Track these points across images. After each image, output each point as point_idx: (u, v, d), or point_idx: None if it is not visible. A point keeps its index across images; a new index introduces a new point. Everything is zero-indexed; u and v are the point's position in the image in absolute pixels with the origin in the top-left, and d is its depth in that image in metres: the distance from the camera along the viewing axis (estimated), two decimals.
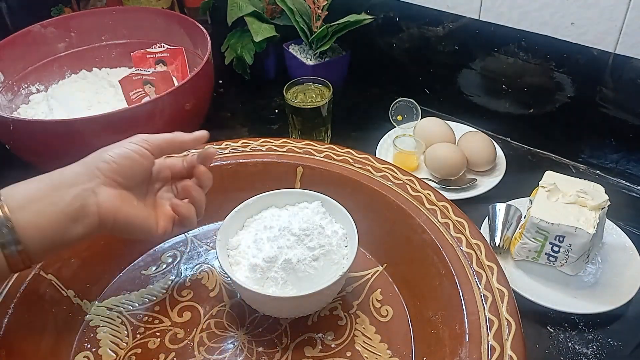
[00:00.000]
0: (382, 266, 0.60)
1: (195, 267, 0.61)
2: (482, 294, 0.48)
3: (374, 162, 0.64)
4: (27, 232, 0.40)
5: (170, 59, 0.88)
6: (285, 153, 0.66)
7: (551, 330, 0.57)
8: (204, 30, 0.85)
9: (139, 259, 0.62)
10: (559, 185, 0.59)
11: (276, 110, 0.93)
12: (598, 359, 0.54)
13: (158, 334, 0.54)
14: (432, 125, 0.79)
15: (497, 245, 0.62)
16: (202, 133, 0.51)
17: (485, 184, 0.74)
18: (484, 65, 0.82)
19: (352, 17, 0.85)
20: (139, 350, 0.53)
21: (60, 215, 0.41)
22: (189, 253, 0.63)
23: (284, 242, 0.53)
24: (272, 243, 0.53)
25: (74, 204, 0.42)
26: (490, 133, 0.81)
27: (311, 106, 0.78)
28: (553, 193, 0.59)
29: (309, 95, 0.80)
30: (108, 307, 0.57)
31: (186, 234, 0.65)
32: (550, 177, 0.61)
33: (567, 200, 0.58)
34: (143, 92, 0.81)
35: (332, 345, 0.52)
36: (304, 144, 0.67)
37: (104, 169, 0.44)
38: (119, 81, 0.81)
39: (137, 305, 0.57)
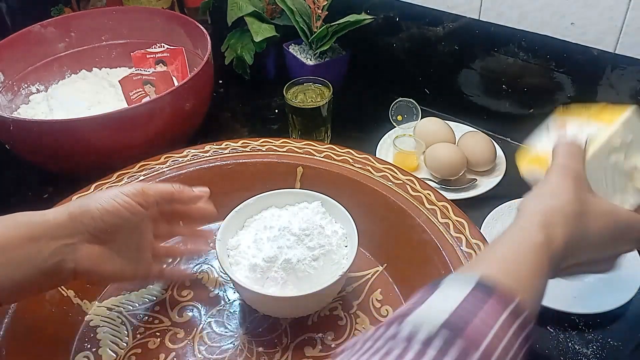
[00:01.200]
0: (382, 266, 0.60)
1: (195, 267, 0.61)
2: None
3: (374, 162, 0.64)
4: None
5: (170, 59, 0.88)
6: (285, 153, 0.66)
7: (551, 330, 0.57)
8: (204, 30, 0.85)
9: None
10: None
11: (276, 110, 0.93)
12: (598, 359, 0.54)
13: (158, 334, 0.54)
14: (432, 125, 0.79)
15: None
16: (204, 190, 0.51)
17: (485, 184, 0.74)
18: (484, 65, 0.81)
19: (352, 17, 0.85)
20: (139, 350, 0.53)
21: (35, 270, 0.40)
22: None
23: (284, 242, 0.53)
24: (272, 243, 0.53)
25: (51, 260, 0.40)
26: (490, 133, 0.81)
27: (311, 106, 0.78)
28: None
29: (309, 95, 0.80)
30: (108, 307, 0.57)
31: None
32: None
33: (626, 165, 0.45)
34: (143, 92, 0.81)
35: (332, 345, 0.52)
36: (304, 144, 0.67)
37: (89, 225, 0.42)
38: (119, 81, 0.81)
39: (137, 305, 0.57)
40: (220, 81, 0.98)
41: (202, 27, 0.86)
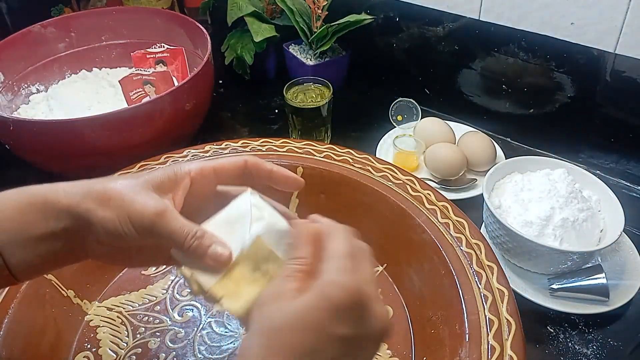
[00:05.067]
0: (382, 266, 0.60)
1: None
2: (482, 294, 0.48)
3: (374, 162, 0.64)
4: None
5: (170, 59, 0.88)
6: (285, 153, 0.66)
7: (551, 330, 0.57)
8: (204, 30, 0.85)
9: None
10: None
11: (276, 110, 0.93)
12: (598, 359, 0.54)
13: (158, 334, 0.54)
14: (432, 125, 0.79)
15: None
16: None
17: None
18: (484, 65, 0.81)
19: (352, 17, 0.85)
20: (139, 350, 0.53)
21: (50, 252, 0.37)
22: None
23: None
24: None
25: (65, 246, 0.37)
26: (490, 133, 0.81)
27: (311, 106, 0.78)
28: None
29: (309, 95, 0.80)
30: (108, 307, 0.57)
31: None
32: None
33: None
34: (143, 92, 0.81)
35: None
36: (304, 144, 0.67)
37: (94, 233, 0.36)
38: (119, 81, 0.81)
39: (137, 305, 0.57)
40: (220, 81, 0.98)
41: (202, 27, 0.86)
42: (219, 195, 0.41)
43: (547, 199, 0.59)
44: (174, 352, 0.52)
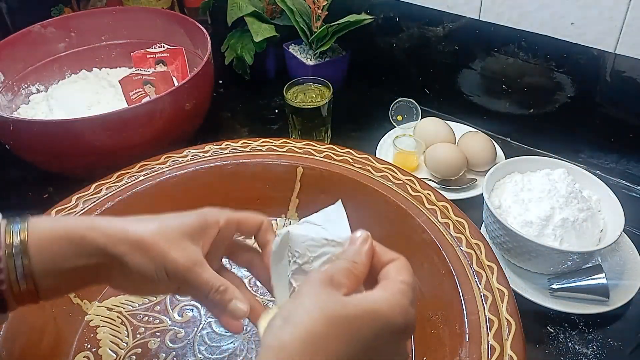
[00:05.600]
0: None
1: None
2: (482, 294, 0.48)
3: (374, 162, 0.64)
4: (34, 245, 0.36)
5: (170, 59, 0.88)
6: (285, 153, 0.66)
7: (551, 330, 0.57)
8: (204, 30, 0.85)
9: None
10: None
11: (276, 110, 0.93)
12: (598, 359, 0.54)
13: (158, 334, 0.54)
14: (432, 125, 0.79)
15: None
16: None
17: None
18: (484, 65, 0.81)
19: (352, 17, 0.85)
20: (139, 350, 0.53)
21: (79, 278, 0.38)
22: None
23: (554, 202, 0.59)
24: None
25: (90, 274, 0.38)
26: (490, 133, 0.81)
27: (311, 106, 0.78)
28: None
29: (309, 95, 0.80)
30: (108, 307, 0.57)
31: None
32: None
33: None
34: (143, 92, 0.81)
35: None
36: (304, 144, 0.67)
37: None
38: (119, 81, 0.81)
39: (137, 305, 0.57)
40: (220, 81, 0.98)
41: (202, 27, 0.86)
42: (231, 244, 0.43)
43: (547, 199, 0.59)
44: (174, 352, 0.52)
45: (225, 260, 0.45)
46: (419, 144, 0.78)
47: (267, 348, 0.29)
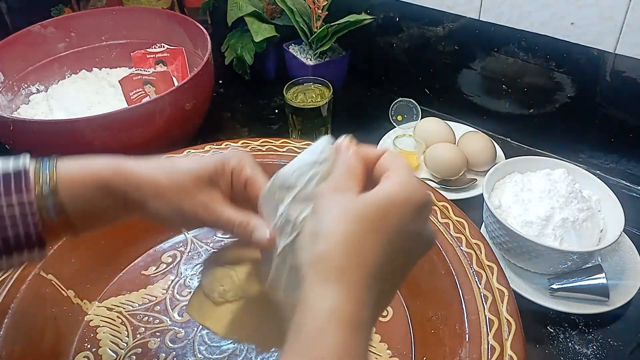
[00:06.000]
0: None
1: (195, 267, 0.61)
2: (482, 294, 0.48)
3: None
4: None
5: (170, 59, 0.88)
6: (285, 153, 0.66)
7: (551, 330, 0.57)
8: (204, 30, 0.85)
9: (139, 259, 0.62)
10: None
11: (276, 110, 0.93)
12: (598, 359, 0.54)
13: (158, 334, 0.54)
14: (432, 125, 0.79)
15: None
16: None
17: None
18: (484, 65, 0.81)
19: (352, 17, 0.85)
20: (139, 350, 0.53)
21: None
22: (189, 253, 0.63)
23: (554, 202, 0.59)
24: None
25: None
26: (490, 133, 0.81)
27: (311, 106, 0.78)
28: None
29: (309, 95, 0.80)
30: (108, 307, 0.57)
31: (186, 233, 0.65)
32: None
33: None
34: (143, 92, 0.81)
35: None
36: (304, 144, 0.67)
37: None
38: (119, 81, 0.81)
39: (137, 305, 0.57)
40: (220, 81, 0.98)
41: (202, 27, 0.86)
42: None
43: (547, 199, 0.59)
44: (174, 352, 0.52)
45: None
46: (419, 144, 0.78)
47: (307, 266, 0.30)
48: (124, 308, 0.57)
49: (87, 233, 0.40)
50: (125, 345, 0.53)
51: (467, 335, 0.45)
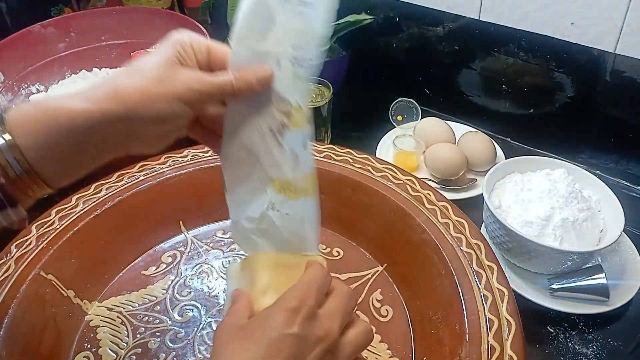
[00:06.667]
0: (382, 266, 0.60)
1: (195, 267, 0.61)
2: (482, 294, 0.48)
3: (374, 162, 0.64)
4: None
5: None
6: None
7: (551, 330, 0.57)
8: (204, 30, 0.85)
9: (139, 258, 0.62)
10: None
11: None
12: (598, 359, 0.54)
13: (158, 334, 0.54)
14: (432, 125, 0.79)
15: None
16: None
17: None
18: (484, 65, 0.82)
19: (352, 17, 0.85)
20: (139, 350, 0.53)
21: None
22: (189, 253, 0.63)
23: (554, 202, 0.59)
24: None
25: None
26: (490, 133, 0.81)
27: (311, 106, 0.78)
28: None
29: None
30: (108, 307, 0.57)
31: (186, 233, 0.65)
32: None
33: None
34: None
35: None
36: None
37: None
38: None
39: (137, 305, 0.57)
40: None
41: (202, 27, 0.86)
42: None
43: (547, 199, 0.59)
44: (174, 352, 0.52)
45: None
46: (419, 144, 0.78)
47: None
48: (124, 308, 0.57)
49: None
50: (125, 345, 0.53)
51: (467, 335, 0.45)
